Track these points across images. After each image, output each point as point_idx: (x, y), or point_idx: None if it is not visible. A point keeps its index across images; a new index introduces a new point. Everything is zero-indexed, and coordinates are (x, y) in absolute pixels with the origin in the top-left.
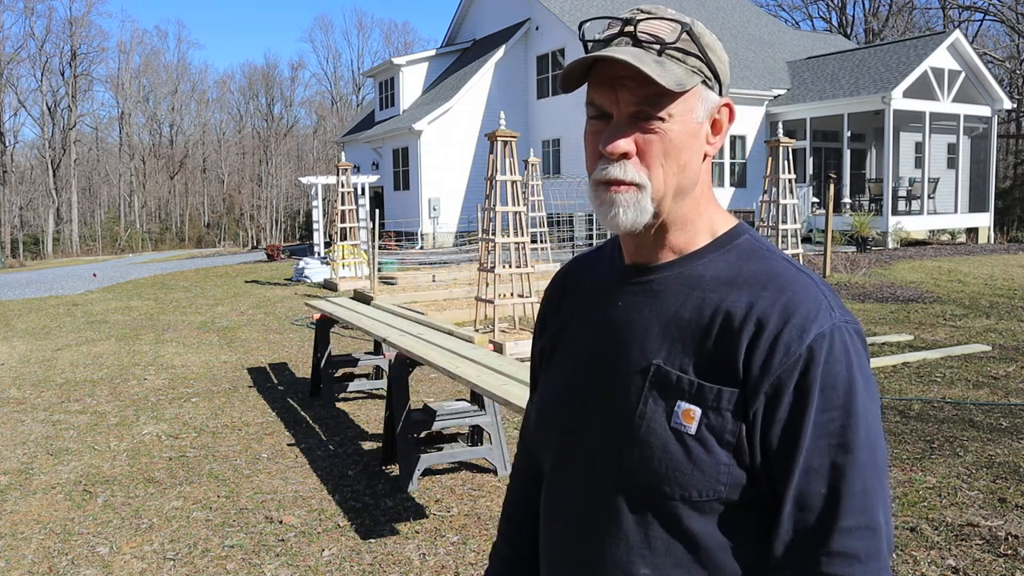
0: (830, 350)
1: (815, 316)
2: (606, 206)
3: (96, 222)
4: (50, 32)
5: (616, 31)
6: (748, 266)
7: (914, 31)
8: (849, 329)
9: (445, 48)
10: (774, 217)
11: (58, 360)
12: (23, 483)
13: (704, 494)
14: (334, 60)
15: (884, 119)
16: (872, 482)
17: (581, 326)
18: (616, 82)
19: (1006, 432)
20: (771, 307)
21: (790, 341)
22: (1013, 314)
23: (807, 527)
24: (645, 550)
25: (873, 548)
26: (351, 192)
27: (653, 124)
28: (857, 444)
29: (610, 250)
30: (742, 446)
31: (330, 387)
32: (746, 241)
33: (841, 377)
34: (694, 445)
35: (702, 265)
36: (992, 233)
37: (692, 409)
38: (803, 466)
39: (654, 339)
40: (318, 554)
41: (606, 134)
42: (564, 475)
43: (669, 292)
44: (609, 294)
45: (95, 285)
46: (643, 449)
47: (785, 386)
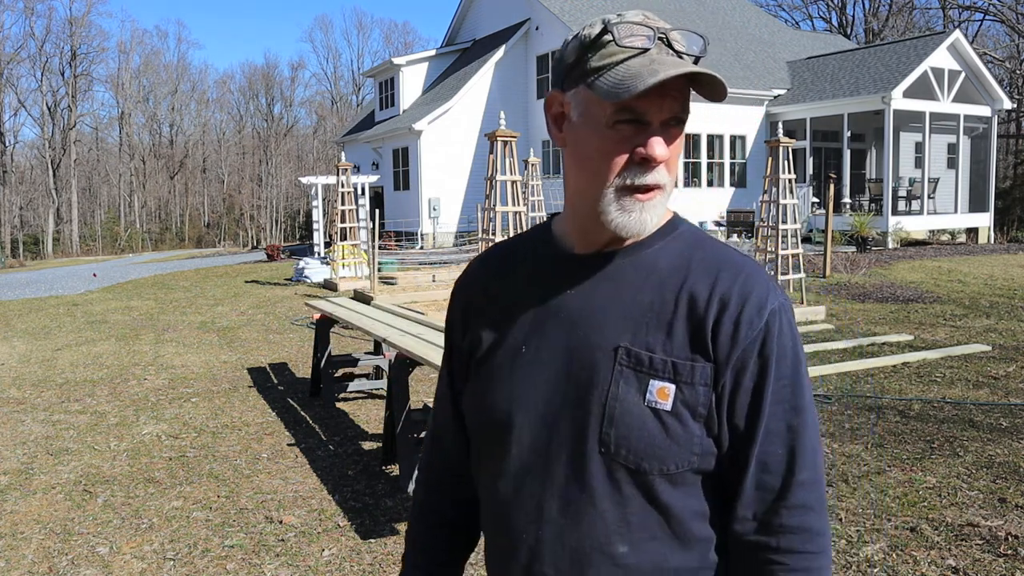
0: (780, 325)
1: (767, 295)
2: (634, 212)
3: (96, 222)
4: (50, 32)
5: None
6: (697, 253)
7: (914, 31)
8: (789, 307)
9: (445, 48)
10: (774, 217)
11: (58, 360)
12: (23, 483)
13: (679, 465)
14: (334, 60)
15: (884, 119)
16: (815, 439)
17: (530, 317)
18: (663, 90)
19: (1006, 432)
20: (730, 288)
21: (752, 317)
22: (1013, 314)
23: (768, 484)
24: (623, 527)
25: (820, 497)
26: (351, 192)
27: (679, 130)
28: (804, 407)
29: (538, 240)
30: (712, 417)
31: (330, 387)
32: (687, 230)
33: (789, 348)
34: (670, 420)
35: (654, 252)
36: (992, 233)
37: (666, 386)
38: (763, 429)
39: (615, 323)
40: (318, 554)
41: (651, 142)
42: (531, 468)
43: (625, 278)
44: (556, 282)
45: (95, 285)
46: (620, 428)
47: (750, 357)
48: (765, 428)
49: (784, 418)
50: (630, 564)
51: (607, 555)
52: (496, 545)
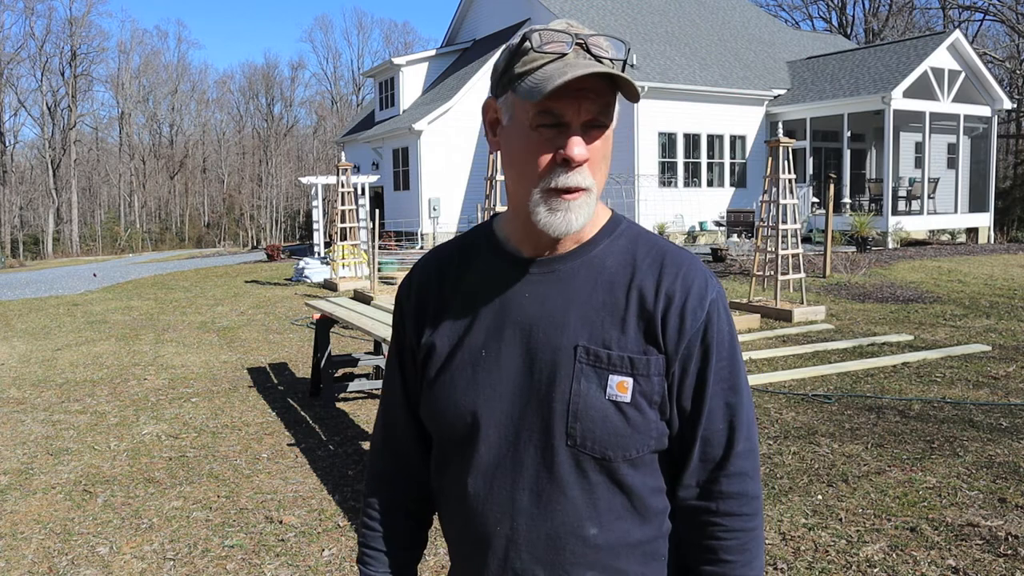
0: (719, 312)
1: (706, 286)
2: (560, 212)
3: (96, 222)
4: (50, 32)
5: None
6: (641, 249)
7: (914, 31)
8: (724, 294)
9: (445, 48)
10: (774, 217)
11: (58, 360)
12: (23, 483)
13: (640, 450)
14: (334, 60)
15: (884, 119)
16: (751, 412)
17: (486, 321)
18: (581, 93)
19: (1006, 432)
20: (673, 283)
21: (695, 308)
22: (1013, 314)
23: (711, 456)
24: (592, 511)
25: (756, 464)
26: (351, 192)
27: (602, 132)
28: (741, 384)
29: (482, 244)
30: (665, 403)
31: (330, 387)
32: (628, 227)
33: (726, 332)
34: (631, 411)
35: (600, 251)
36: (992, 233)
37: (625, 380)
38: (707, 408)
39: (572, 323)
40: (318, 554)
41: (570, 142)
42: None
43: (577, 278)
44: (511, 286)
45: (95, 285)
46: (585, 422)
47: (694, 346)
48: (711, 408)
49: (723, 396)
50: (600, 543)
51: (580, 538)
52: (467, 544)
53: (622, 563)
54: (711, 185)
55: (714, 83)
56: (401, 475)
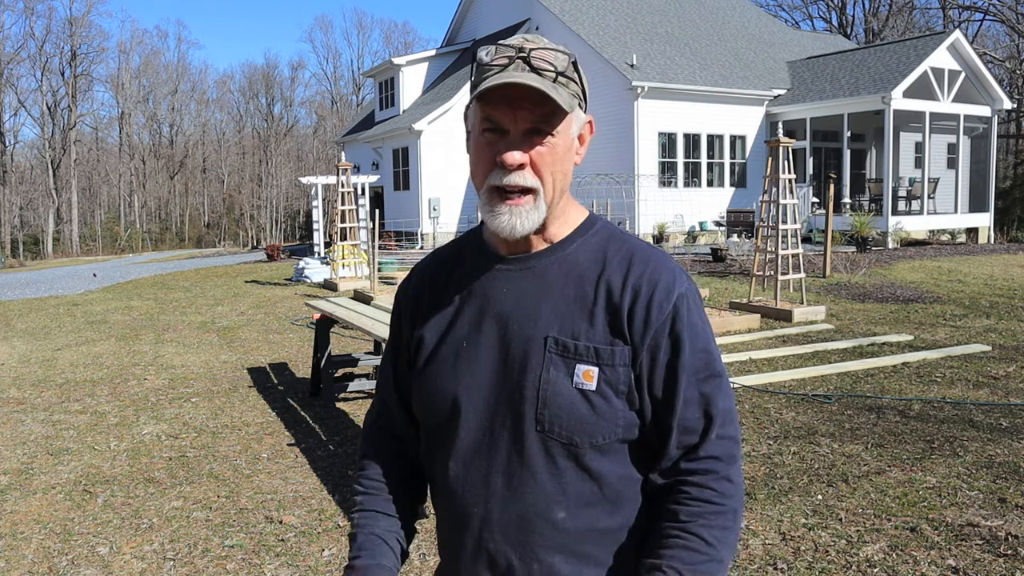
0: (689, 306)
1: (673, 281)
2: (503, 215)
3: (96, 222)
4: (50, 32)
5: (511, 55)
6: (612, 246)
7: (914, 31)
8: (695, 290)
9: (445, 48)
10: (774, 217)
11: (58, 360)
12: (23, 483)
13: (607, 438)
14: (334, 60)
15: (884, 119)
16: (729, 402)
17: (467, 315)
18: (515, 102)
19: (1006, 432)
20: (640, 277)
21: (661, 301)
22: (1013, 314)
23: (686, 443)
24: (560, 496)
25: (730, 449)
26: (351, 192)
27: (545, 139)
28: (716, 375)
29: (472, 246)
30: (632, 393)
31: (330, 387)
32: (603, 227)
33: (699, 326)
34: (596, 399)
35: (574, 249)
36: (992, 233)
37: (591, 369)
38: (682, 398)
39: (545, 315)
40: (318, 554)
41: (503, 146)
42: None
43: (550, 274)
44: (491, 283)
45: (95, 285)
46: (553, 408)
47: (662, 337)
48: (684, 397)
49: (698, 387)
50: (568, 528)
51: (548, 521)
52: (448, 523)
53: (590, 549)
54: (711, 185)
55: (714, 83)
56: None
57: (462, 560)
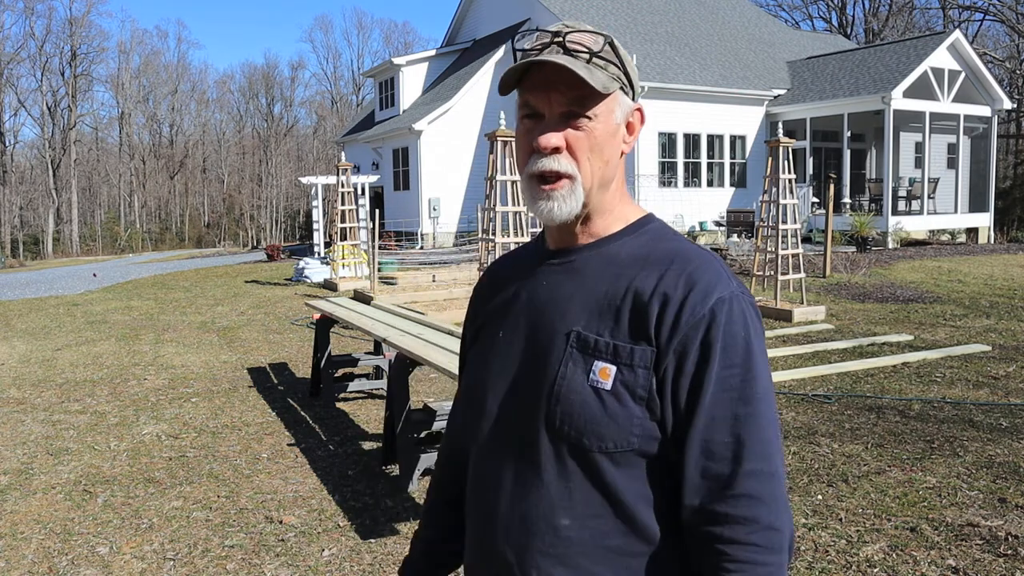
0: (730, 313)
1: (716, 284)
2: (542, 201)
3: (96, 222)
4: (50, 32)
5: (547, 41)
6: (658, 246)
7: (914, 31)
8: (746, 299)
9: (445, 48)
10: (774, 217)
11: (58, 360)
12: (23, 483)
13: (619, 445)
14: (334, 60)
15: (884, 119)
16: (769, 432)
17: (510, 309)
18: (549, 85)
19: (1006, 432)
20: (678, 277)
21: (695, 304)
22: (1013, 314)
23: (713, 473)
24: (566, 501)
25: (772, 489)
26: (351, 192)
27: (581, 122)
28: (756, 397)
29: (536, 243)
30: (653, 400)
31: (330, 387)
32: (656, 227)
33: (740, 337)
34: (609, 399)
35: (618, 245)
36: (992, 233)
37: (608, 367)
38: (707, 415)
39: (575, 310)
40: (318, 554)
41: (539, 130)
42: (495, 440)
43: (589, 269)
44: (534, 276)
45: (95, 285)
46: (564, 405)
47: (691, 342)
48: (710, 415)
49: (731, 407)
50: (572, 537)
51: (551, 526)
52: (469, 515)
53: (598, 568)
54: (711, 185)
55: (714, 83)
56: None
57: (470, 554)
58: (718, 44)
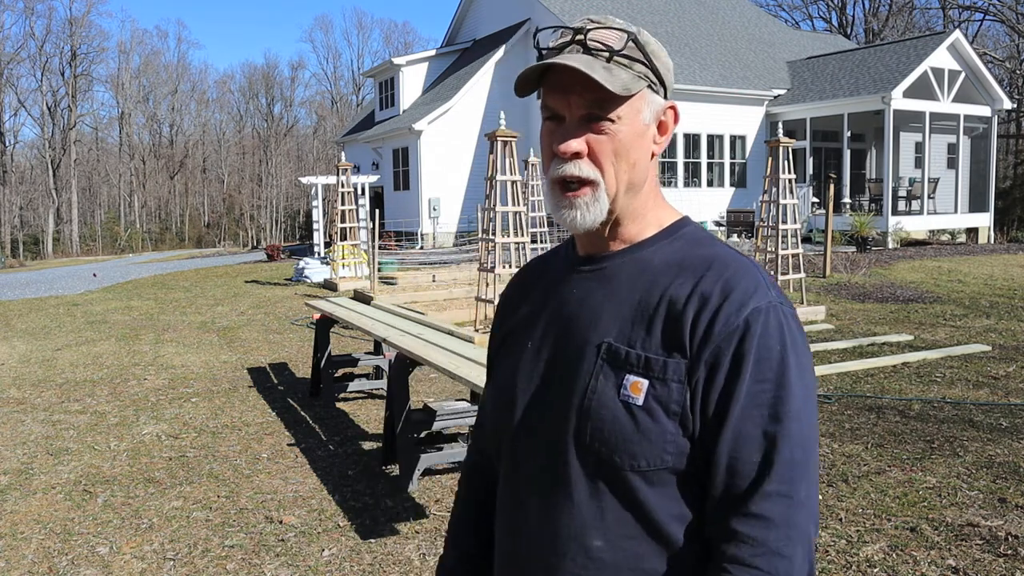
0: (765, 324)
1: (752, 293)
2: (564, 209)
3: (96, 222)
4: (50, 32)
5: (568, 39)
6: (694, 251)
7: (914, 31)
8: (785, 310)
9: (445, 48)
10: (774, 217)
11: (58, 360)
12: (23, 483)
13: (652, 463)
14: (334, 60)
15: (884, 119)
16: (798, 453)
17: (539, 317)
18: (568, 87)
19: (1006, 432)
20: (713, 285)
21: (729, 313)
22: (1013, 314)
23: (735, 490)
24: (598, 521)
25: (789, 515)
26: (351, 192)
27: (603, 125)
28: (788, 415)
29: (565, 248)
30: (687, 415)
31: (330, 387)
32: (691, 231)
33: (775, 351)
34: (641, 415)
35: (651, 251)
36: (992, 233)
37: (639, 381)
38: (734, 431)
39: (606, 320)
40: (318, 554)
41: (559, 134)
42: (523, 458)
43: (620, 276)
44: (564, 283)
45: (95, 285)
46: (594, 421)
47: (723, 354)
48: (737, 431)
49: (761, 424)
50: (605, 559)
51: (582, 547)
52: (499, 529)
53: None
54: (711, 185)
55: (714, 83)
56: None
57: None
58: (718, 44)
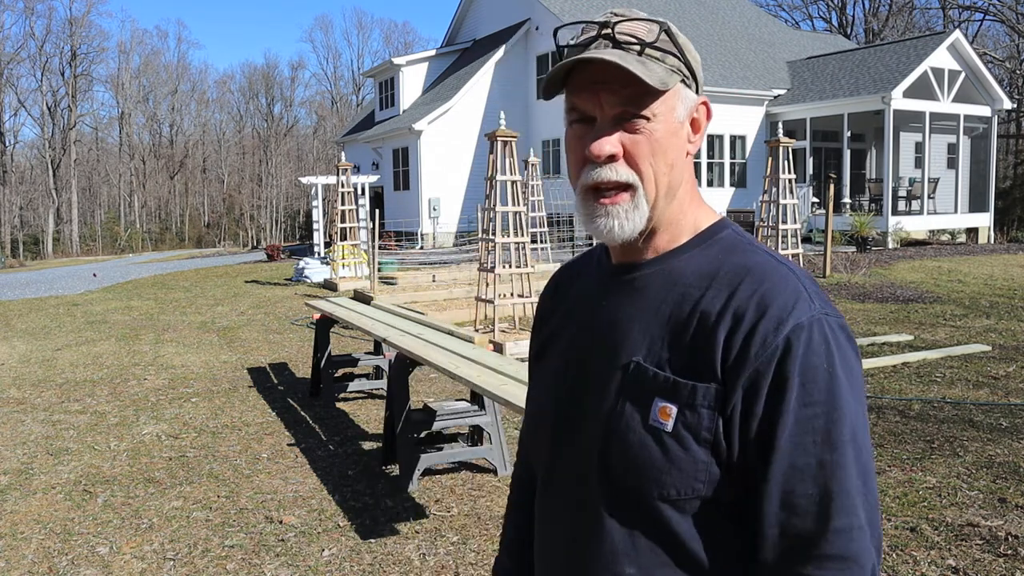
0: (809, 342)
1: (793, 307)
2: (600, 218)
3: (96, 222)
4: (50, 32)
5: (593, 34)
6: (729, 259)
7: (914, 31)
8: (831, 322)
9: (445, 48)
10: (774, 217)
11: (58, 360)
12: (23, 483)
13: (683, 492)
14: (334, 60)
15: (884, 119)
16: (860, 481)
17: (569, 328)
18: (598, 85)
19: (1006, 432)
20: (748, 299)
21: (767, 333)
22: (1013, 314)
23: (797, 530)
24: (631, 550)
25: (865, 549)
26: (351, 192)
27: (638, 124)
28: (843, 441)
29: (599, 252)
30: (719, 443)
31: (330, 387)
32: (728, 235)
33: (821, 370)
34: (670, 443)
35: (683, 260)
36: (992, 233)
37: (668, 407)
38: (786, 464)
39: (636, 336)
40: (318, 554)
41: (590, 137)
42: (553, 477)
43: (651, 288)
44: (596, 295)
45: (95, 285)
46: (622, 447)
47: (762, 379)
48: (788, 463)
49: (815, 452)
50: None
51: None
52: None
53: None
54: (711, 185)
55: (714, 83)
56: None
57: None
58: (718, 44)
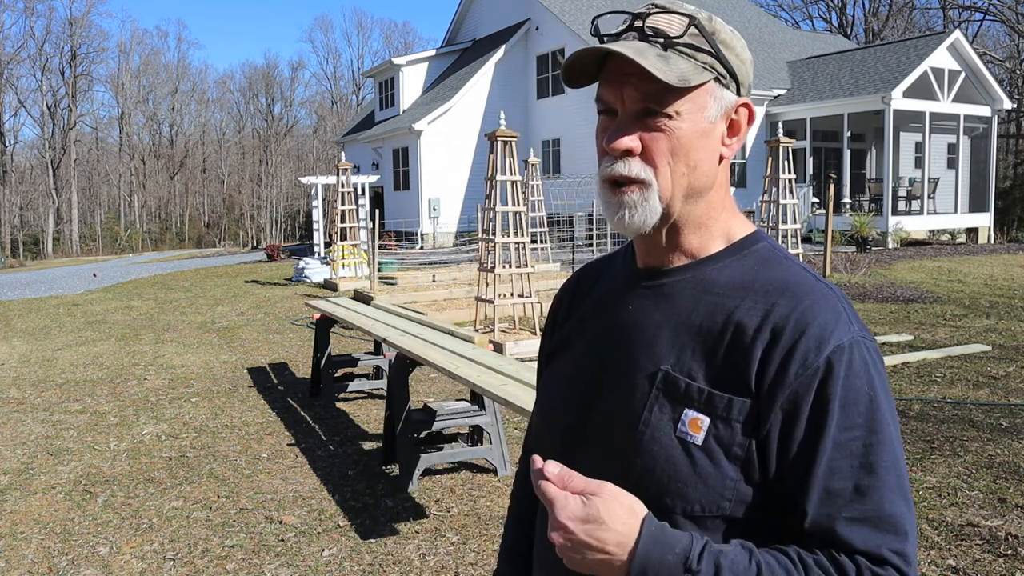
0: (850, 364)
1: (834, 328)
2: (613, 207)
3: (96, 222)
4: (50, 32)
5: (626, 25)
6: (764, 272)
7: (914, 31)
8: (868, 345)
9: (445, 48)
10: (774, 217)
11: (58, 360)
12: (23, 483)
13: (707, 509)
14: (334, 60)
15: (884, 119)
16: (901, 506)
17: (590, 330)
18: (622, 78)
19: (1006, 432)
20: (787, 316)
21: (807, 352)
22: (1013, 314)
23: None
24: None
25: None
26: (351, 192)
27: (659, 121)
28: (883, 465)
29: (623, 255)
30: (751, 461)
31: (330, 387)
32: (764, 248)
33: (862, 393)
34: (699, 456)
35: (716, 270)
36: (992, 233)
37: (700, 418)
38: (822, 487)
39: (664, 344)
40: (318, 554)
41: (610, 131)
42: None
43: (681, 296)
44: (620, 297)
45: (95, 285)
46: (646, 458)
47: (803, 400)
48: (824, 486)
49: (852, 477)
50: None
51: None
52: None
53: None
54: None
55: None
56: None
57: None
58: None
